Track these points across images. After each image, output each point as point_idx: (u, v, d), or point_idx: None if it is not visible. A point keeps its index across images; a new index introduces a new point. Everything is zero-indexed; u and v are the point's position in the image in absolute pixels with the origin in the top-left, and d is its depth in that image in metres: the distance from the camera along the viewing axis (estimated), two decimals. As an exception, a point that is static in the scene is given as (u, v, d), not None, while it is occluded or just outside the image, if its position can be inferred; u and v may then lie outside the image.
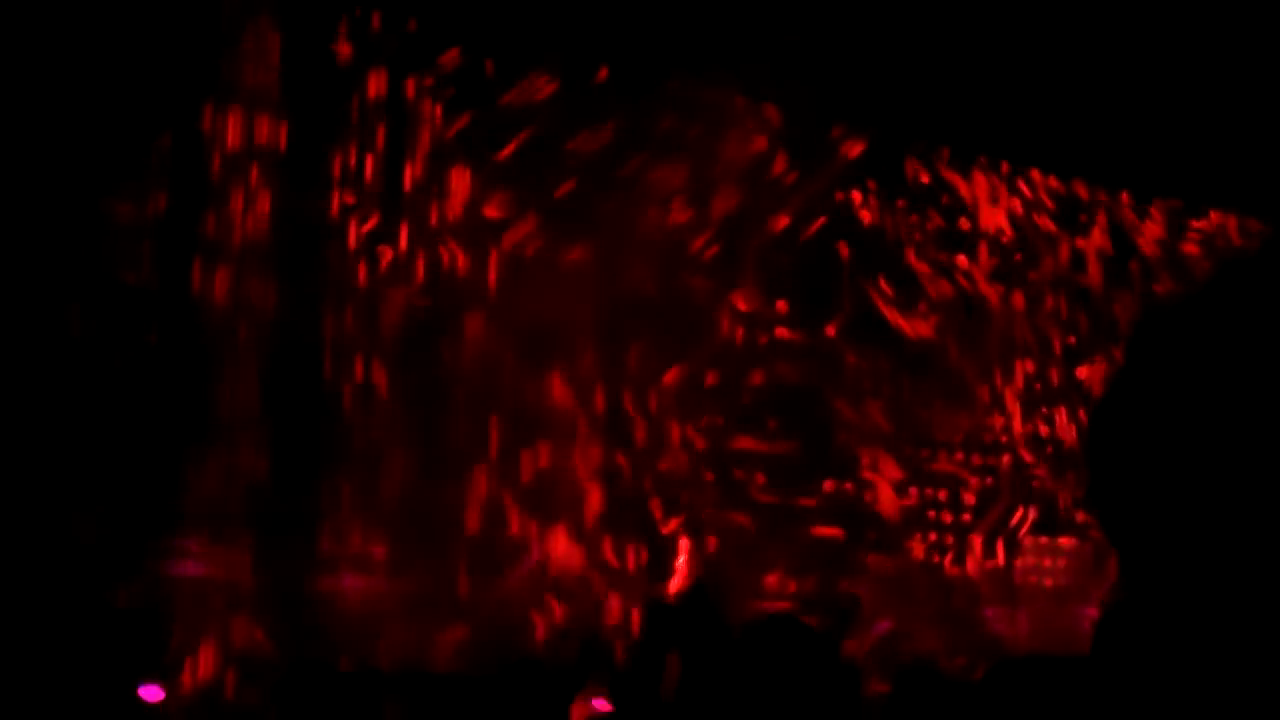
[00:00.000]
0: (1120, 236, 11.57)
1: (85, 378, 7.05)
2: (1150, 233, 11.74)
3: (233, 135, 7.75)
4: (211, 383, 7.42)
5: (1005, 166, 11.03)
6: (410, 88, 8.42)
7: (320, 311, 7.91)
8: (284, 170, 7.84)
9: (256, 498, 7.43)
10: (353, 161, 8.15)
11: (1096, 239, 11.41)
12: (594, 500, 8.63)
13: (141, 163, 7.40)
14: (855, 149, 10.10)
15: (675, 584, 8.30)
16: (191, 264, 7.57)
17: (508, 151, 8.65)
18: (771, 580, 9.08)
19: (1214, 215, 12.23)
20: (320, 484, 7.70)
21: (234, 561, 7.30)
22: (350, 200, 8.03)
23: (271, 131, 7.84)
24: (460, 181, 8.52)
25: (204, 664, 7.16)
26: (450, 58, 8.55)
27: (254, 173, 7.76)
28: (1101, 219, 11.51)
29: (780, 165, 9.72)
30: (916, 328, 10.24)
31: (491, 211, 8.56)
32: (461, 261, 8.43)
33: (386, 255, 8.15)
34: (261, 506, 7.44)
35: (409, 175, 8.37)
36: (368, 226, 8.11)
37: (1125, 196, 11.65)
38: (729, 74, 9.36)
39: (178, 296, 7.46)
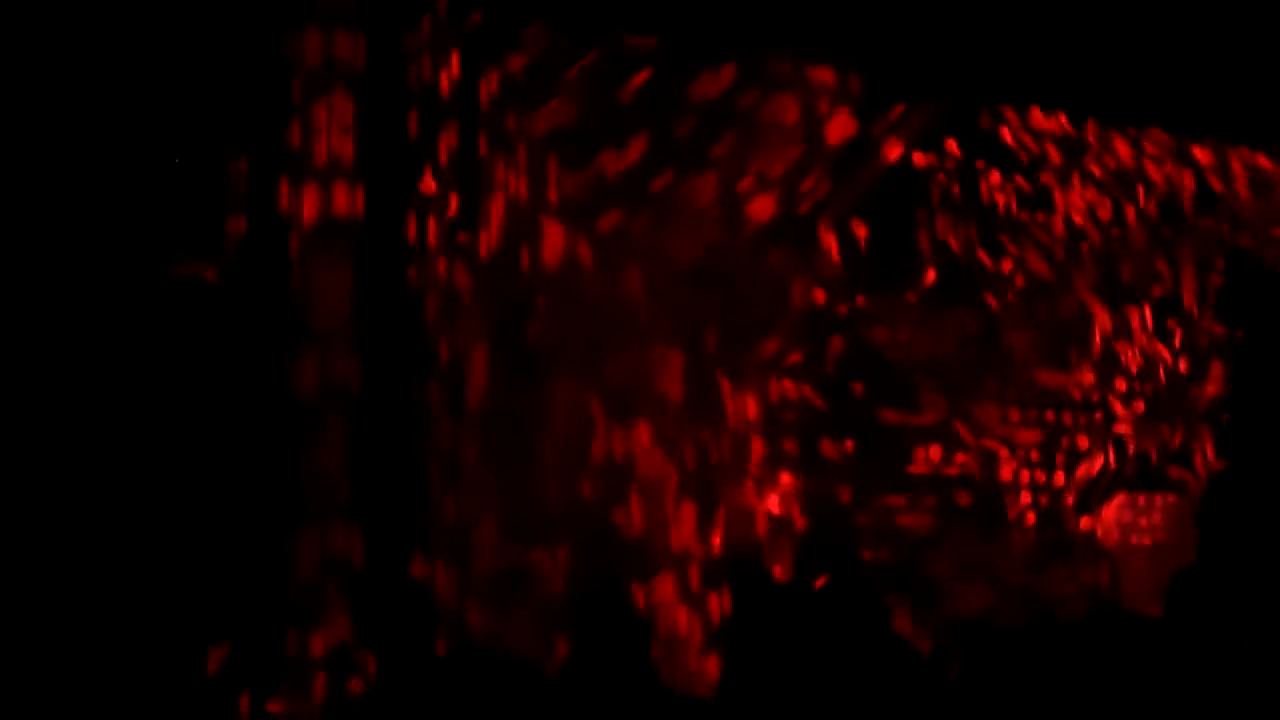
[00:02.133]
0: (1200, 185, 11.42)
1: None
2: (1233, 177, 11.57)
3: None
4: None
5: (1081, 122, 10.91)
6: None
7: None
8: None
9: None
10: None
11: (1173, 189, 11.27)
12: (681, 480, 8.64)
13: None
14: (932, 110, 10.02)
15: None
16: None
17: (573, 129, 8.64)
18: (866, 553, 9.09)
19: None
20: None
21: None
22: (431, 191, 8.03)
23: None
24: (531, 165, 8.51)
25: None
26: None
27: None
28: (1180, 167, 11.36)
29: (855, 131, 9.65)
30: (1000, 287, 10.17)
31: (563, 193, 8.55)
32: (542, 251, 8.43)
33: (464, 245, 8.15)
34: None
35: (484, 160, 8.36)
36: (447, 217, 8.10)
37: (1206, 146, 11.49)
38: (798, 40, 9.33)
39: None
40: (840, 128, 9.57)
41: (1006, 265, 10.24)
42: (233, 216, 7.39)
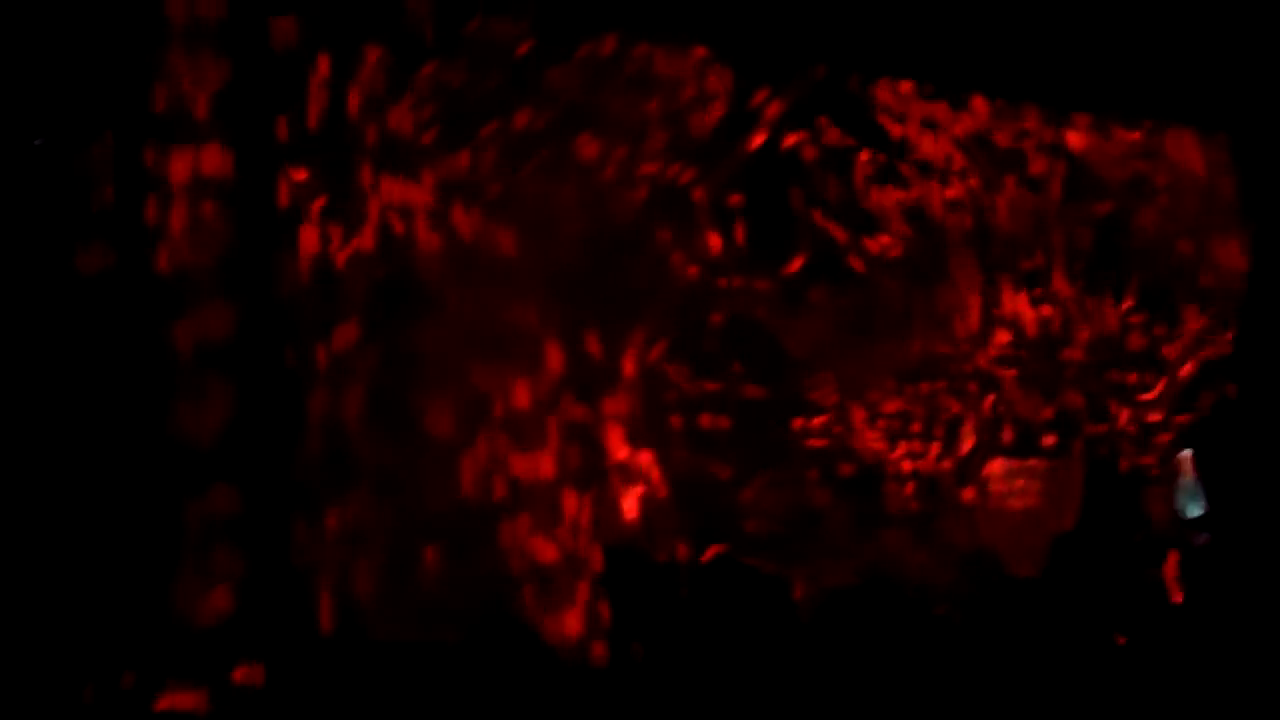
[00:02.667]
0: (1068, 155, 11.61)
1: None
2: (1091, 149, 11.77)
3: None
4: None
5: (950, 95, 11.04)
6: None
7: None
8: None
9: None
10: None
11: (1043, 159, 11.45)
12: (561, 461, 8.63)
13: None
14: (803, 87, 10.08)
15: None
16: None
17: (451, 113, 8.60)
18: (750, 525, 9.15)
19: (1169, 130, 12.28)
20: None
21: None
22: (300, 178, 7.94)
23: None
24: (412, 148, 8.44)
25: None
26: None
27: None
28: (1046, 139, 11.53)
29: (727, 108, 9.69)
30: (876, 260, 10.27)
31: (444, 174, 8.50)
32: (418, 233, 8.37)
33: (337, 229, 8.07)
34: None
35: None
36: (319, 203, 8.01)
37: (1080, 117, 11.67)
38: (668, 21, 9.35)
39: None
40: (713, 105, 9.61)
41: (882, 240, 10.34)
42: (99, 187, 7.28)
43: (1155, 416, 11.36)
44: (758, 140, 9.81)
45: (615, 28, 9.16)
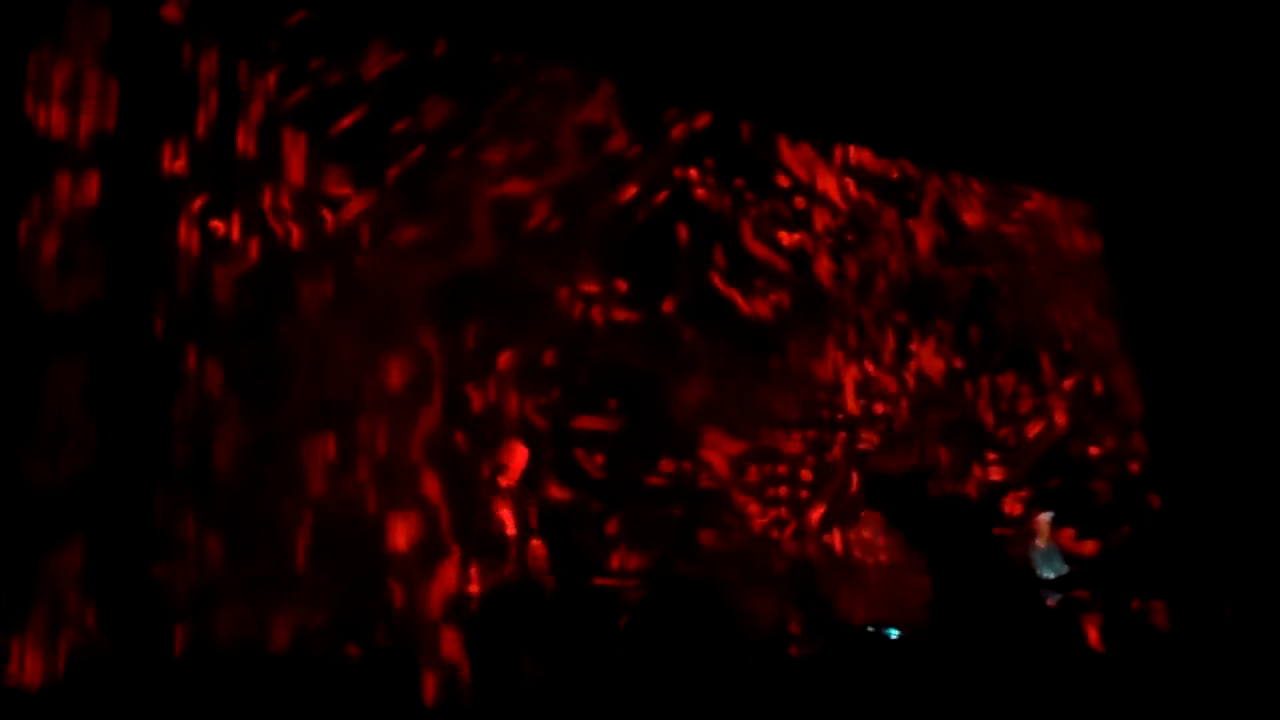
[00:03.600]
0: (949, 216, 11.81)
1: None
2: (976, 212, 11.99)
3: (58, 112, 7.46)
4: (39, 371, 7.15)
5: (838, 147, 11.18)
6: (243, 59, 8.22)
7: (152, 291, 7.64)
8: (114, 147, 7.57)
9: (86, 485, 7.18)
10: (184, 136, 7.93)
11: (926, 218, 11.63)
12: (431, 481, 8.53)
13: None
14: (693, 126, 10.15)
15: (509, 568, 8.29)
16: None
17: (343, 125, 8.53)
18: (614, 559, 9.09)
19: (1037, 196, 12.54)
20: (154, 468, 7.47)
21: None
22: (181, 173, 7.80)
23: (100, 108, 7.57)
24: (295, 156, 8.35)
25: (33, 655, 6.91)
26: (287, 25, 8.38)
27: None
28: (931, 198, 11.72)
29: (618, 143, 9.71)
30: (753, 306, 10.32)
31: (327, 186, 8.40)
32: (296, 237, 8.26)
33: (219, 230, 7.95)
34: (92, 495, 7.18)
35: (242, 147, 8.16)
36: (199, 202, 7.89)
37: (955, 177, 11.89)
38: (567, 50, 9.36)
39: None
40: (602, 140, 9.63)
41: (759, 285, 10.39)
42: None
43: (1017, 476, 11.53)
44: (644, 178, 9.83)
45: (515, 50, 9.17)
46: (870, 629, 5.80)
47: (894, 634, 5.50)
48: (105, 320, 7.39)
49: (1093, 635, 7.25)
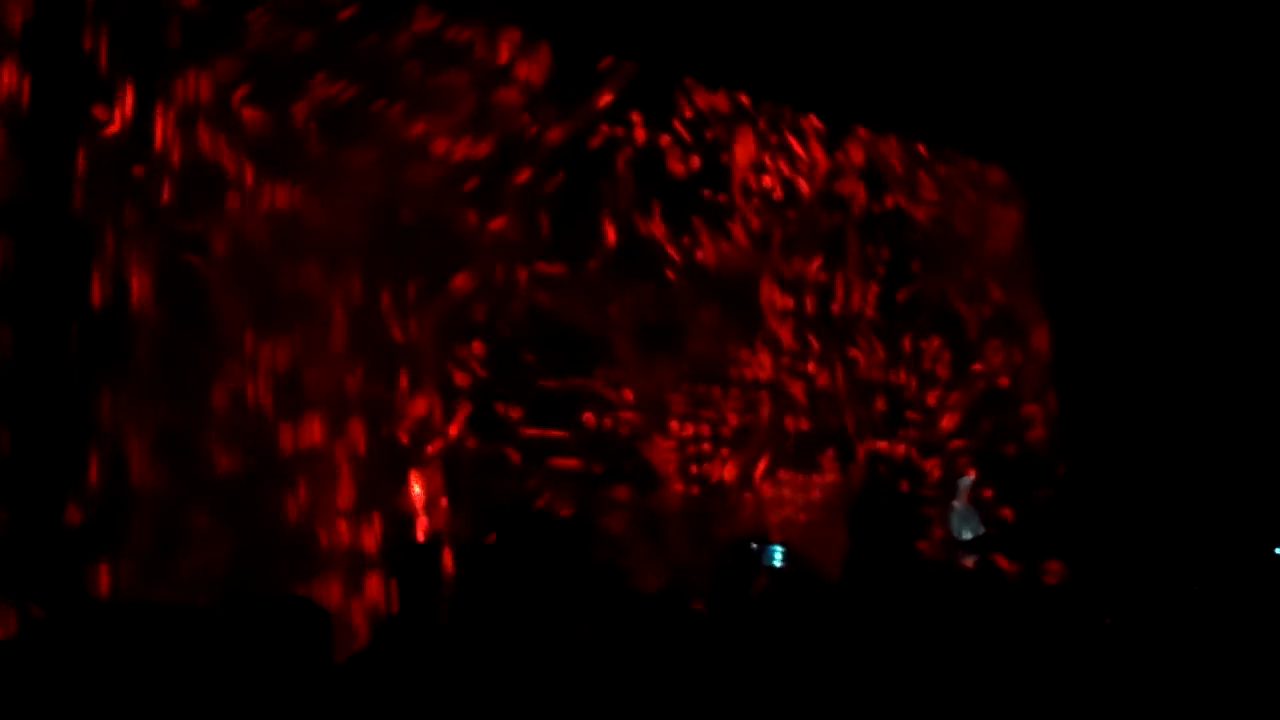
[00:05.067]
0: (874, 177, 11.84)
1: None
2: (896, 174, 12.03)
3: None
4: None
5: (766, 105, 11.17)
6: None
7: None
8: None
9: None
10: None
11: (851, 180, 11.66)
12: (352, 435, 8.50)
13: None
14: (621, 81, 10.10)
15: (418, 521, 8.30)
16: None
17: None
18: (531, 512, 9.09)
19: (960, 160, 12.60)
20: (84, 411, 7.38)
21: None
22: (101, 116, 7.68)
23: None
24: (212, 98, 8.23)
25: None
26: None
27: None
28: (857, 160, 11.74)
29: (546, 94, 9.66)
30: (679, 263, 10.32)
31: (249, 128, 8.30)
32: (219, 192, 8.16)
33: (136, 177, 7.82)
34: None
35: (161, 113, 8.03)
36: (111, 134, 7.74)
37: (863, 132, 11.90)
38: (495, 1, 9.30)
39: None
40: (528, 93, 9.57)
41: (684, 241, 10.39)
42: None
43: (934, 439, 11.63)
44: (569, 128, 9.79)
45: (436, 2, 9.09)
46: (754, 545, 5.85)
47: (778, 552, 5.55)
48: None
49: (999, 593, 7.31)
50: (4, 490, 6.99)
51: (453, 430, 8.77)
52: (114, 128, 7.63)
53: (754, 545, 5.77)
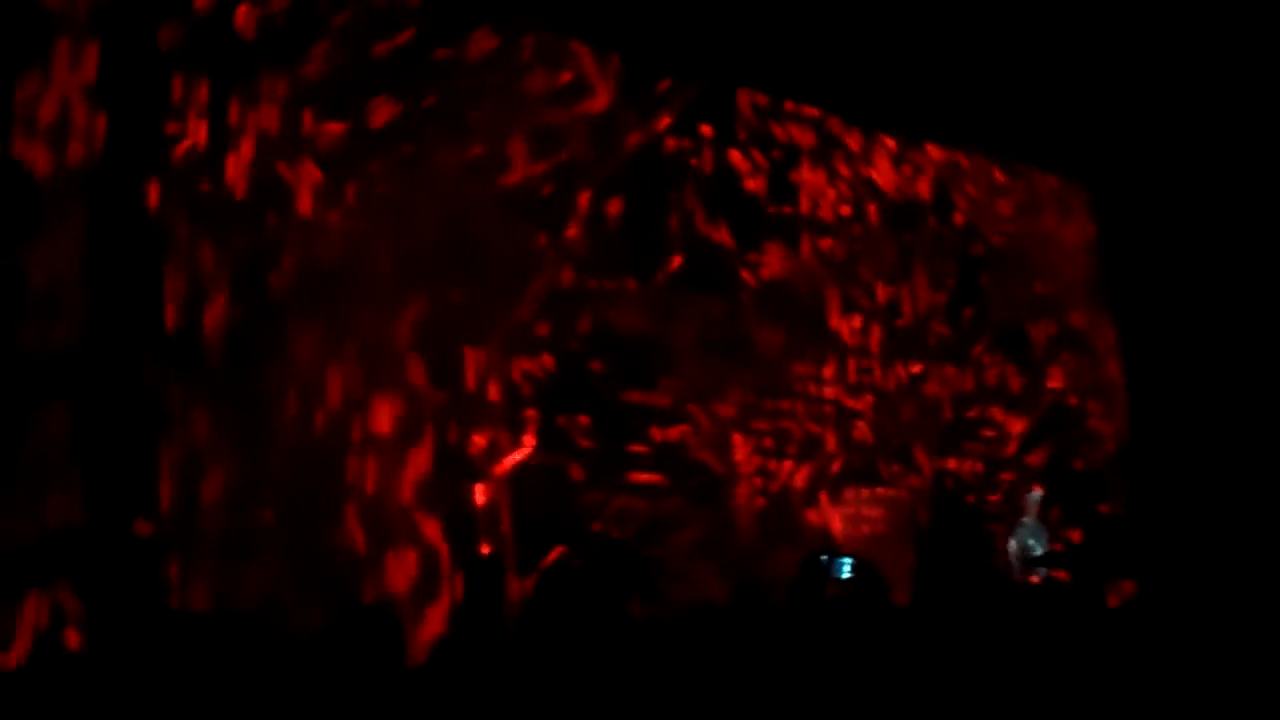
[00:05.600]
0: (942, 192, 11.80)
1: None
2: (971, 188, 11.98)
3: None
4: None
5: (835, 121, 11.16)
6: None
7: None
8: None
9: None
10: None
11: (922, 192, 11.62)
12: (419, 447, 8.53)
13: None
14: (689, 95, 10.11)
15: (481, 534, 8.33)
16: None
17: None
18: (596, 527, 9.09)
19: (1032, 175, 12.53)
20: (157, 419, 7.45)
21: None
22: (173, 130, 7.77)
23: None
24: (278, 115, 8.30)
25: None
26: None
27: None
28: (927, 173, 11.71)
29: (614, 109, 9.68)
30: (747, 277, 10.31)
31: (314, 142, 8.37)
32: (290, 198, 8.22)
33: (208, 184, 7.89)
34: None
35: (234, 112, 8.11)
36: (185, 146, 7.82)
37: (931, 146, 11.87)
38: (563, 15, 9.33)
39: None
40: (597, 104, 9.60)
41: (752, 256, 10.39)
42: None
43: (1003, 454, 11.55)
44: (638, 142, 9.81)
45: (506, 18, 9.12)
46: (824, 558, 5.81)
47: (847, 564, 5.53)
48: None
49: (1071, 611, 7.26)
50: (80, 499, 7.06)
51: (523, 443, 8.79)
52: (186, 144, 7.72)
53: (824, 557, 5.74)
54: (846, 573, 5.50)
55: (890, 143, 11.53)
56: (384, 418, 8.31)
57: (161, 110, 7.68)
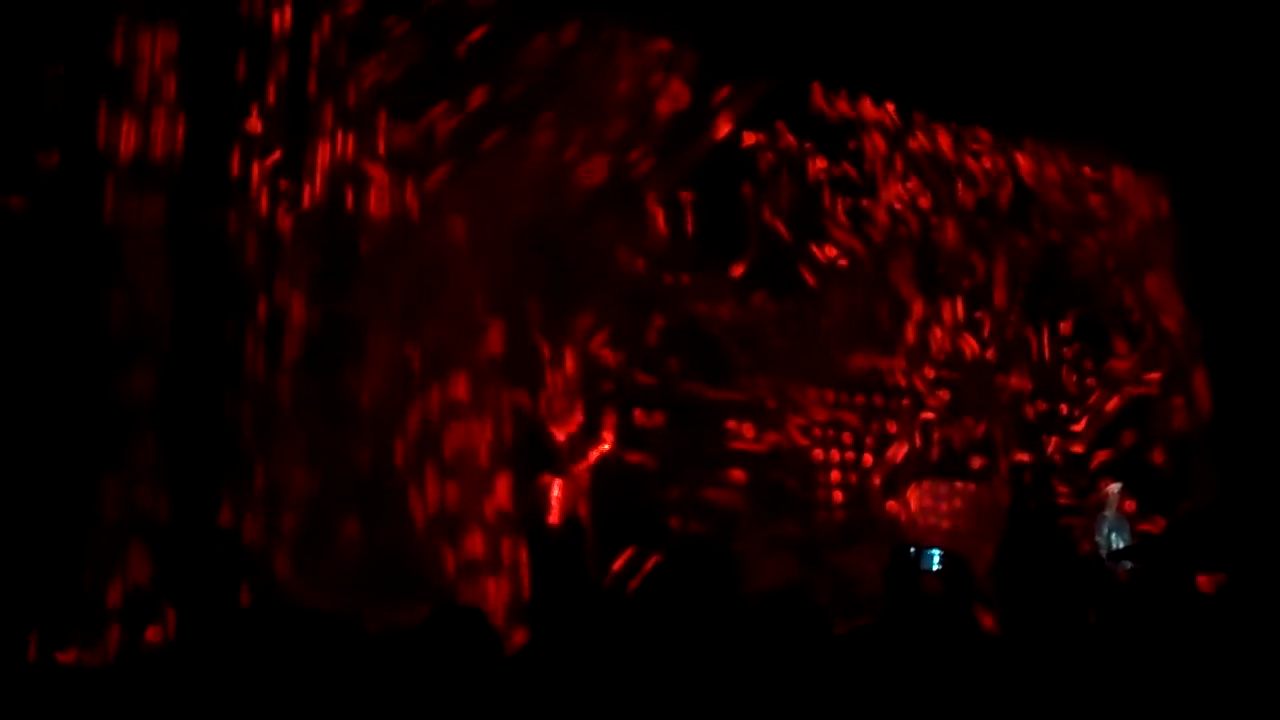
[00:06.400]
0: (1018, 182, 11.70)
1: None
2: (1048, 179, 11.88)
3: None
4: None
5: (910, 112, 11.10)
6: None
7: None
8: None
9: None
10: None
11: (993, 184, 11.53)
12: (496, 443, 8.55)
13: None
14: (761, 91, 10.09)
15: (553, 517, 8.32)
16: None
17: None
18: (673, 522, 9.08)
19: (1110, 165, 12.41)
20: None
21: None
22: (256, 130, 7.84)
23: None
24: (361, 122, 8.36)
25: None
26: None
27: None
28: (1000, 164, 11.62)
29: (687, 104, 9.67)
30: (821, 269, 10.28)
31: (398, 147, 8.42)
32: (367, 202, 8.28)
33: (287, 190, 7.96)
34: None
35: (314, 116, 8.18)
36: (271, 159, 7.91)
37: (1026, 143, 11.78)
38: (636, 10, 9.33)
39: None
40: (672, 100, 9.59)
41: (828, 248, 10.35)
42: (45, 147, 7.15)
43: (1081, 448, 11.44)
44: (714, 137, 9.80)
45: (582, 10, 9.13)
46: (913, 550, 5.77)
47: (936, 556, 5.49)
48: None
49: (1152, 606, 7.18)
50: (164, 497, 7.13)
51: (602, 438, 8.80)
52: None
53: (912, 550, 5.70)
54: (936, 565, 5.46)
55: (984, 134, 11.47)
56: (462, 417, 8.36)
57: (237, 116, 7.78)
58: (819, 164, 10.41)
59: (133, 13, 7.48)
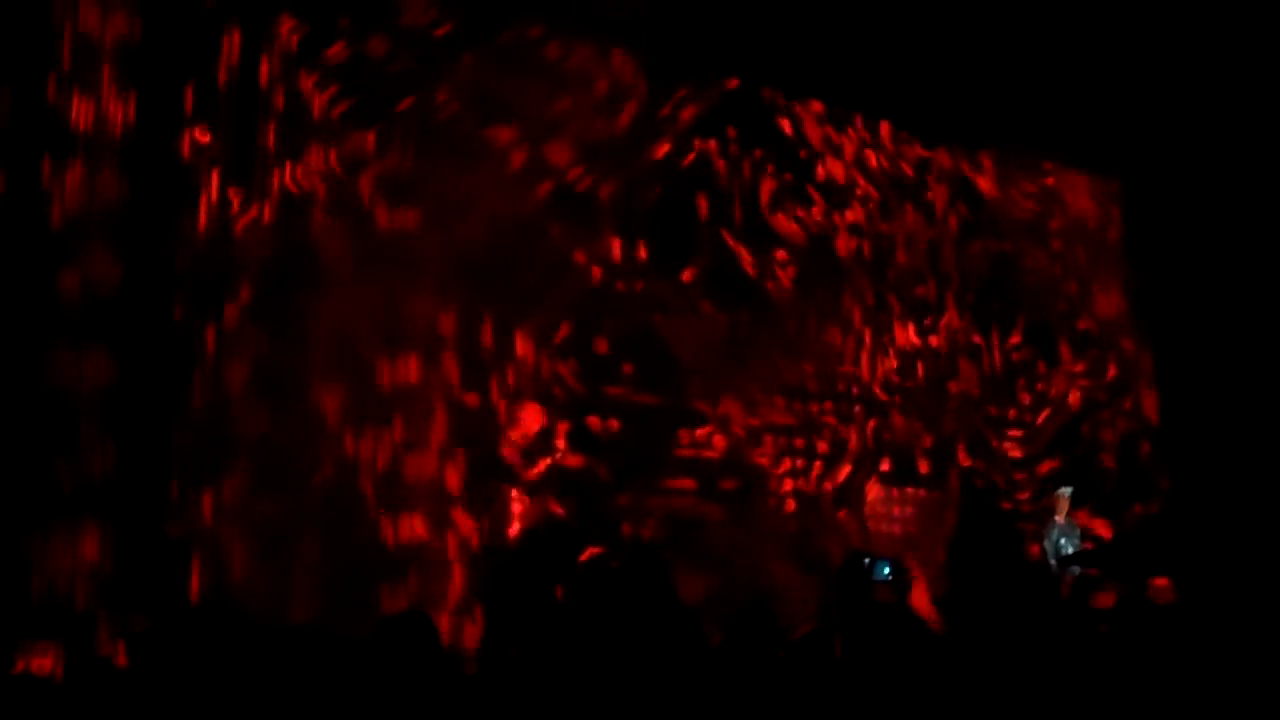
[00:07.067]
0: (968, 191, 11.76)
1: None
2: (991, 187, 11.94)
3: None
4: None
5: (859, 120, 11.13)
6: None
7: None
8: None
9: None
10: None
11: (943, 192, 11.58)
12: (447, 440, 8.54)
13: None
14: (713, 98, 10.10)
15: (514, 529, 8.32)
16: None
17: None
18: (625, 528, 9.07)
19: (1058, 171, 12.47)
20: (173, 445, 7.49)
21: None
22: (204, 140, 7.81)
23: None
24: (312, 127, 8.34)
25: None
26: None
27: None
28: (948, 172, 11.68)
29: (638, 113, 9.67)
30: (772, 276, 10.29)
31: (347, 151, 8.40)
32: (318, 215, 8.26)
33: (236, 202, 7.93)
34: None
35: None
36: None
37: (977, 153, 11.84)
38: (587, 19, 9.31)
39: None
40: (624, 108, 9.59)
41: (779, 255, 10.36)
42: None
43: (1029, 453, 11.51)
44: (665, 146, 9.81)
45: (534, 19, 9.12)
46: (866, 560, 5.80)
47: (886, 567, 5.51)
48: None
49: (1103, 611, 7.24)
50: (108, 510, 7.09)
51: (555, 446, 8.79)
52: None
53: (866, 560, 5.71)
54: (886, 574, 5.47)
55: (916, 142, 11.50)
56: (412, 426, 8.35)
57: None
58: (770, 170, 10.43)
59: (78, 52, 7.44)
